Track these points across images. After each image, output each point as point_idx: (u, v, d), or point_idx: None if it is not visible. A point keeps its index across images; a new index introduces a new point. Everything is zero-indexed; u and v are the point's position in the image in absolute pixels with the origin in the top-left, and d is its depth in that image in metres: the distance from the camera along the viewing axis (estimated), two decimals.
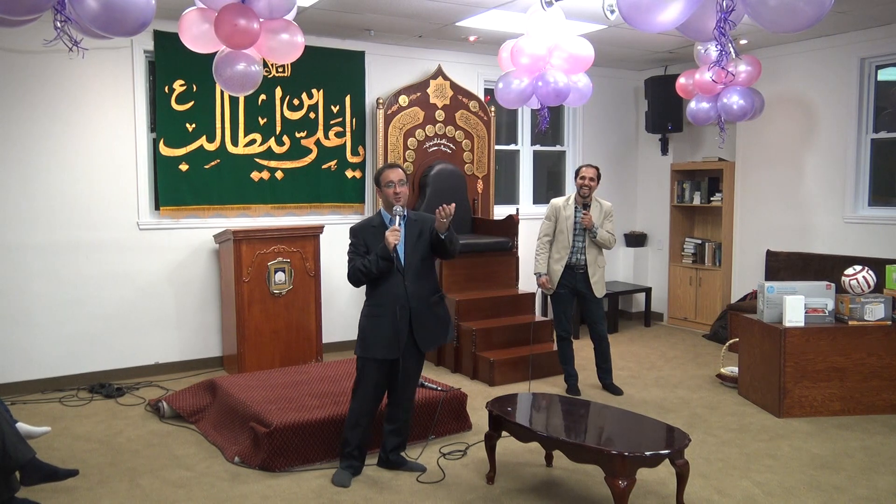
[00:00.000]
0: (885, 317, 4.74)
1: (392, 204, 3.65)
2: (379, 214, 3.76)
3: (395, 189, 3.65)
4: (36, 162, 5.25)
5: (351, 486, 3.66)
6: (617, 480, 3.09)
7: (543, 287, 5.30)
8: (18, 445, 3.28)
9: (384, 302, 3.64)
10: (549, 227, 5.30)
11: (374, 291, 3.69)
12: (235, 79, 3.88)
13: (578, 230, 5.20)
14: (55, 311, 5.37)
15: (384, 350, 3.64)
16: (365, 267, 3.58)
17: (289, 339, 5.71)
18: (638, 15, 2.90)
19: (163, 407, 4.72)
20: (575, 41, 4.68)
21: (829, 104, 6.38)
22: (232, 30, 3.58)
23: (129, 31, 3.02)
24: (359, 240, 3.67)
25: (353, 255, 3.67)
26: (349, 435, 3.74)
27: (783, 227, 6.80)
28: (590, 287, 5.20)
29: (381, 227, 3.66)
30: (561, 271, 5.22)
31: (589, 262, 5.19)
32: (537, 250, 5.34)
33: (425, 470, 3.83)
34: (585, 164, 5.28)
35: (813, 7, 2.67)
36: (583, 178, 5.17)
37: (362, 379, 3.71)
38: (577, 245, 5.21)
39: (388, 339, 3.63)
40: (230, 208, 5.92)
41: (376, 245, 3.59)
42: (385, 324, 3.63)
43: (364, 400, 3.71)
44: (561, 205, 5.27)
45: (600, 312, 5.31)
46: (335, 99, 6.28)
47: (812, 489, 3.63)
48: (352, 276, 3.66)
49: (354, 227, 3.74)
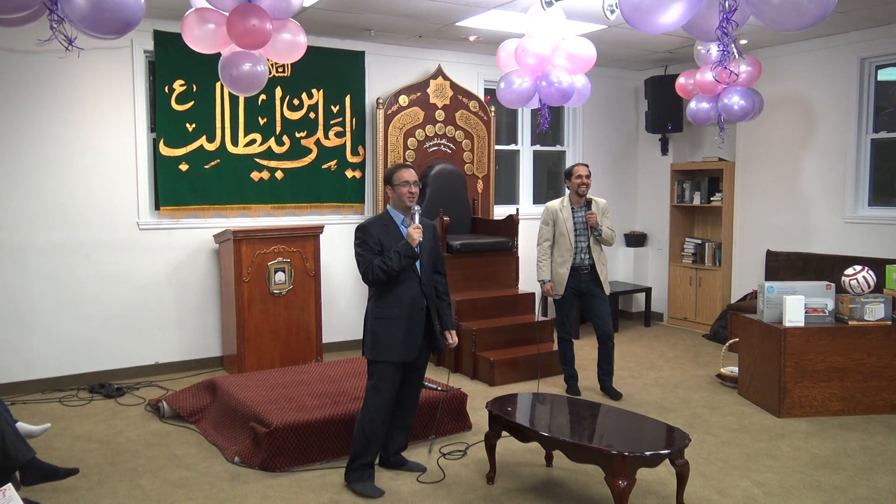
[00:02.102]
0: (885, 317, 4.74)
1: (405, 204, 3.60)
2: (387, 213, 3.68)
3: (411, 188, 3.60)
4: (36, 162, 5.25)
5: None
6: (617, 480, 3.09)
7: (549, 294, 5.18)
8: (18, 445, 3.28)
9: (399, 303, 3.55)
10: (548, 232, 5.21)
11: (390, 293, 3.56)
12: (243, 79, 3.89)
13: (580, 230, 5.12)
14: (55, 311, 5.37)
15: (402, 352, 3.56)
16: (386, 265, 3.46)
17: (289, 339, 5.71)
18: (639, 16, 2.89)
19: (163, 407, 4.72)
20: (577, 41, 4.69)
21: (829, 104, 6.38)
22: (245, 30, 3.59)
23: (118, 30, 3.02)
24: (372, 237, 3.55)
25: (367, 252, 3.53)
26: (372, 445, 3.61)
27: (783, 227, 6.80)
28: (599, 284, 5.13)
29: (392, 226, 3.60)
30: (567, 274, 5.11)
31: (595, 260, 5.12)
32: (539, 256, 5.22)
33: (425, 470, 3.83)
34: (579, 163, 5.20)
35: (817, 5, 2.66)
36: (579, 176, 5.10)
37: (382, 382, 3.57)
38: (581, 245, 5.13)
39: (405, 340, 3.56)
40: (230, 208, 5.92)
41: (390, 243, 3.52)
42: (402, 325, 3.55)
43: (385, 405, 3.59)
44: (557, 207, 5.19)
45: (608, 310, 5.20)
46: (335, 99, 6.28)
47: (812, 489, 3.63)
48: (370, 275, 3.50)
49: (365, 226, 3.60)
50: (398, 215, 3.66)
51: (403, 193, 3.59)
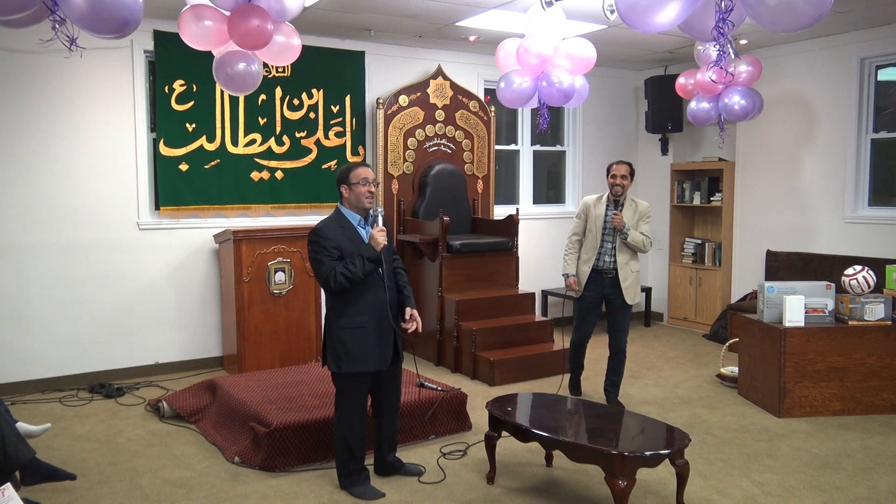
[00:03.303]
0: (885, 317, 4.74)
1: (364, 205, 3.46)
2: (340, 214, 3.51)
3: (370, 188, 3.45)
4: (36, 162, 5.25)
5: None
6: (617, 480, 3.09)
7: (570, 288, 4.91)
8: (18, 445, 3.28)
9: (367, 309, 3.42)
10: (578, 226, 4.95)
11: (356, 300, 3.41)
12: (237, 79, 3.89)
13: (608, 230, 4.80)
14: (55, 311, 5.37)
15: (375, 361, 3.46)
16: (350, 271, 3.31)
17: (289, 339, 5.71)
18: (636, 15, 2.89)
19: (163, 407, 4.72)
20: (577, 42, 4.69)
21: (829, 104, 6.38)
22: (248, 30, 3.59)
23: (115, 29, 3.01)
24: (330, 242, 3.38)
25: (326, 258, 3.37)
26: (356, 452, 3.55)
27: (783, 227, 6.80)
28: (619, 291, 4.80)
29: (349, 228, 3.46)
30: (588, 273, 4.84)
31: (619, 265, 4.78)
32: (566, 249, 4.98)
33: (424, 472, 3.82)
34: (617, 161, 4.89)
35: (813, 7, 2.67)
36: (614, 176, 4.78)
37: (354, 396, 3.49)
38: (606, 246, 4.82)
39: (378, 347, 3.45)
40: (230, 208, 5.92)
41: (349, 247, 3.39)
42: (372, 333, 3.43)
43: (361, 417, 3.52)
44: (592, 202, 4.91)
45: (626, 321, 4.90)
46: (335, 99, 6.28)
47: (812, 489, 3.63)
48: (332, 282, 3.33)
49: (320, 228, 3.43)
50: (354, 216, 3.50)
51: (362, 193, 3.45)
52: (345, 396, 3.52)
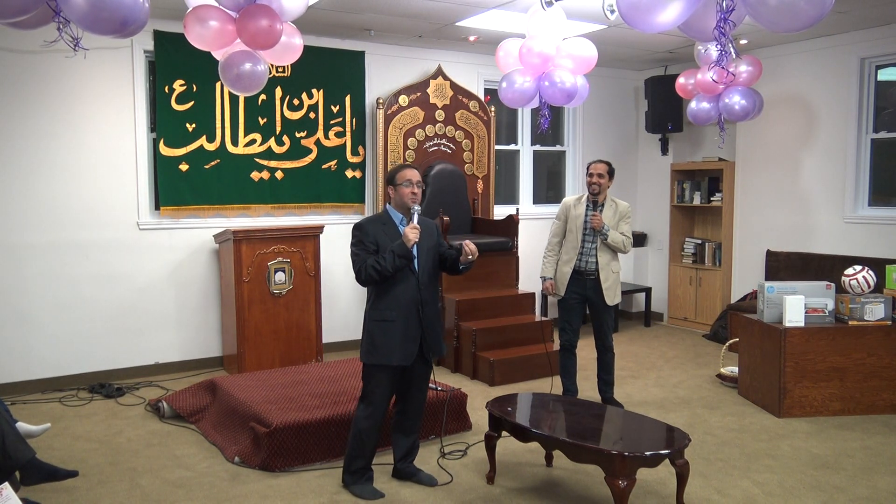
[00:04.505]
0: (885, 317, 4.74)
1: (407, 204, 3.53)
2: (386, 212, 3.62)
3: (413, 189, 3.53)
4: (36, 162, 5.25)
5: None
6: (617, 480, 3.09)
7: (548, 292, 4.91)
8: (18, 445, 3.28)
9: (396, 305, 3.48)
10: (558, 228, 4.92)
11: (387, 295, 3.49)
12: (245, 78, 3.89)
13: (588, 231, 4.77)
14: (55, 311, 5.37)
15: (399, 356, 3.48)
16: (379, 265, 3.39)
17: (289, 339, 5.71)
18: (637, 15, 2.90)
19: (163, 407, 4.72)
20: (578, 42, 4.69)
21: (828, 104, 6.38)
22: (256, 30, 3.59)
23: (115, 29, 3.01)
24: (368, 237, 3.49)
25: (362, 252, 3.48)
26: (366, 448, 3.57)
27: (783, 227, 6.80)
28: (600, 293, 4.76)
29: (391, 226, 3.55)
30: (569, 274, 4.80)
31: (601, 265, 4.75)
32: (546, 252, 4.96)
33: (437, 484, 3.69)
34: (595, 160, 4.88)
35: (813, 7, 2.67)
36: (591, 174, 4.78)
37: (377, 388, 3.53)
38: (587, 247, 4.78)
39: (402, 344, 3.48)
40: (230, 208, 5.92)
41: (387, 243, 3.46)
42: (399, 328, 3.48)
43: (379, 410, 3.54)
44: (571, 203, 4.89)
45: (609, 322, 4.90)
46: (335, 99, 6.28)
47: (812, 489, 3.63)
48: (363, 275, 3.44)
49: (361, 224, 3.55)
50: (397, 215, 3.60)
51: (406, 193, 3.53)
52: (369, 388, 3.57)
